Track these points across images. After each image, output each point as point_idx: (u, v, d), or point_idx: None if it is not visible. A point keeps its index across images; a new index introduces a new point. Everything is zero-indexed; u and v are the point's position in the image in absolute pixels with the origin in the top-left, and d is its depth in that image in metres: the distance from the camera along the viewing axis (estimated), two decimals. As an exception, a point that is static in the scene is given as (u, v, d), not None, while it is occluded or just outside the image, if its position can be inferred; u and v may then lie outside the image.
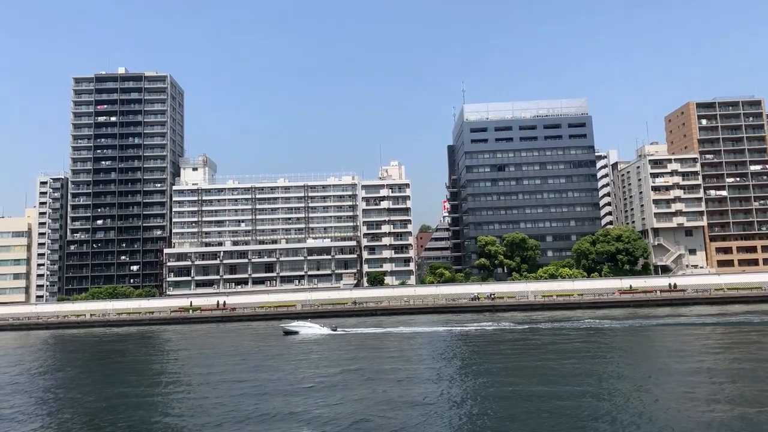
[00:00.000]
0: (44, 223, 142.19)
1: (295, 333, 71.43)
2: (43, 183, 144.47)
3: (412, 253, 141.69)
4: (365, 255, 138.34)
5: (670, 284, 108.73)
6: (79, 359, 57.79)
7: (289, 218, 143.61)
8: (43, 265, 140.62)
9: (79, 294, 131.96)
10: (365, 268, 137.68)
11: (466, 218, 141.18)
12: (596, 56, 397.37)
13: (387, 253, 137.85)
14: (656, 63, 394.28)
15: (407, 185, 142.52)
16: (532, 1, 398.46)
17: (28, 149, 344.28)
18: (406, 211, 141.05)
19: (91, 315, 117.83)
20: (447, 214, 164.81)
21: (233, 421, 26.58)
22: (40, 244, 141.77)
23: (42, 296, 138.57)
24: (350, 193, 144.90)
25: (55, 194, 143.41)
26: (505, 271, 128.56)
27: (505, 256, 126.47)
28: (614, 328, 63.88)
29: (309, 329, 71.61)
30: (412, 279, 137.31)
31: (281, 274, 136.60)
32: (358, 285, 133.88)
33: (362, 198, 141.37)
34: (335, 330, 71.33)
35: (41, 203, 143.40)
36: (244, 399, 31.23)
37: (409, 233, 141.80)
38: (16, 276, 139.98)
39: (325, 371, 39.93)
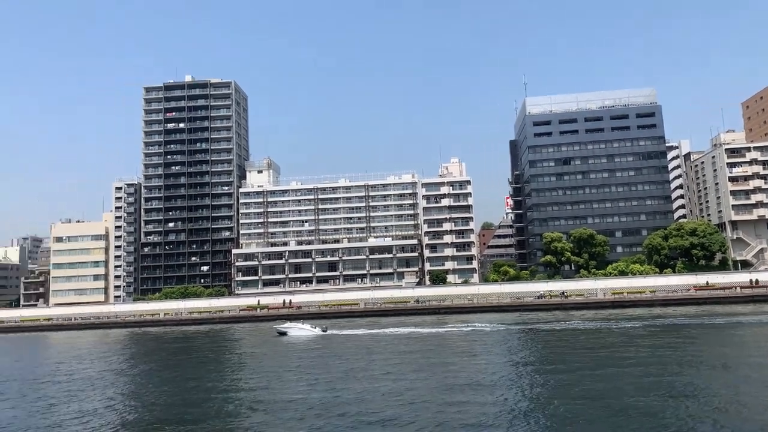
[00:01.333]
0: (120, 227, 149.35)
1: (285, 333, 72.57)
2: (119, 189, 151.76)
3: (474, 251, 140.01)
4: (427, 253, 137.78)
5: (751, 280, 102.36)
6: (157, 356, 60.17)
7: (351, 218, 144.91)
8: (120, 266, 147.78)
9: (153, 294, 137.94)
10: (427, 266, 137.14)
11: (530, 214, 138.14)
12: (663, 43, 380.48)
13: (449, 252, 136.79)
14: (729, 45, 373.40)
15: (468, 182, 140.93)
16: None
17: (105, 157, 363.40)
18: (468, 208, 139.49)
19: (164, 314, 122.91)
20: (510, 211, 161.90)
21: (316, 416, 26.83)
22: (116, 246, 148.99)
23: (119, 296, 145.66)
24: (410, 191, 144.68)
25: (130, 199, 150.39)
26: (573, 268, 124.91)
27: (572, 252, 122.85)
28: (693, 325, 60.70)
29: (299, 330, 72.55)
30: (475, 277, 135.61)
31: (344, 272, 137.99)
32: (420, 283, 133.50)
33: (423, 196, 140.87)
34: (325, 331, 72.19)
35: (117, 208, 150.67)
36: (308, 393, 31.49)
37: (471, 231, 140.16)
38: (96, 277, 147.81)
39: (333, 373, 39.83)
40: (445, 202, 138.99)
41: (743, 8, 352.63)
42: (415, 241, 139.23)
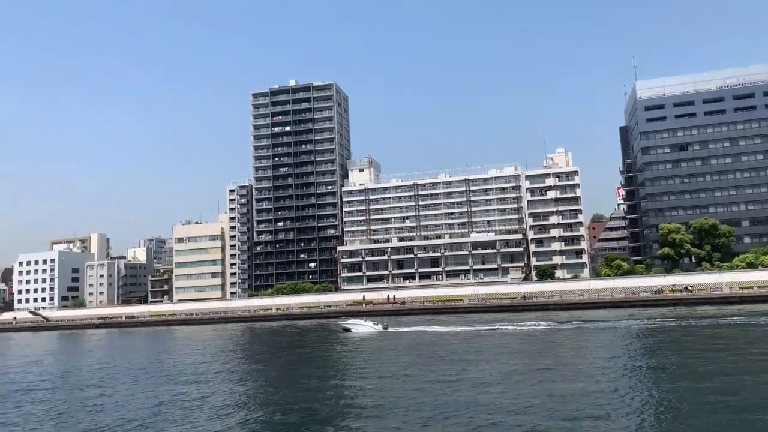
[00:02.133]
0: (234, 227, 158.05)
1: (349, 330, 73.94)
2: (232, 191, 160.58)
3: (584, 245, 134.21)
4: (532, 248, 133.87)
5: None
6: (274, 349, 62.90)
7: (452, 213, 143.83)
8: (235, 264, 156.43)
9: (266, 290, 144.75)
10: (533, 261, 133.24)
11: (644, 205, 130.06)
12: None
13: (556, 246, 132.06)
14: None
15: (575, 173, 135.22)
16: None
17: (220, 160, 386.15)
18: (576, 200, 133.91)
19: (276, 309, 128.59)
20: (622, 202, 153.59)
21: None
22: (231, 245, 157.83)
23: (235, 293, 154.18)
24: (513, 184, 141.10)
25: (242, 200, 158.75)
26: (693, 261, 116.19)
27: (693, 244, 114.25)
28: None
29: (361, 327, 73.73)
30: (586, 272, 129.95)
31: (446, 268, 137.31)
32: (526, 279, 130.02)
33: (527, 189, 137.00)
34: (386, 328, 72.54)
35: (231, 209, 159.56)
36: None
37: (580, 224, 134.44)
38: (214, 275, 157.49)
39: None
40: (551, 194, 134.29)
41: None
42: (519, 236, 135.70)
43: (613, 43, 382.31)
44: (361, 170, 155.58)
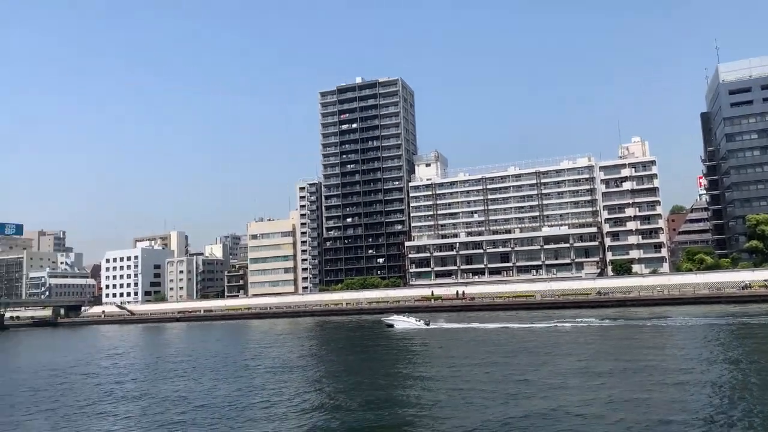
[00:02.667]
0: (305, 224, 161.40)
1: (391, 326, 75.00)
2: (302, 188, 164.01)
3: (662, 238, 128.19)
4: (608, 242, 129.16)
5: None
6: (348, 343, 63.84)
7: (522, 207, 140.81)
8: (306, 259, 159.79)
9: (336, 285, 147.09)
10: (609, 255, 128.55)
11: (729, 195, 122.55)
12: None
13: (633, 239, 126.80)
14: None
15: (653, 162, 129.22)
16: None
17: (292, 158, 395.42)
18: (653, 191, 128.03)
19: (346, 303, 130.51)
20: (704, 192, 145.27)
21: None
22: (302, 241, 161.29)
23: (306, 287, 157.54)
24: (587, 176, 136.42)
25: (312, 197, 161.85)
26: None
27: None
28: None
29: (404, 323, 74.82)
30: (665, 266, 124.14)
31: (517, 264, 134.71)
32: (601, 274, 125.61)
33: (601, 180, 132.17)
34: (428, 324, 72.93)
35: (301, 206, 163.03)
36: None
37: (659, 216, 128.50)
38: (286, 270, 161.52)
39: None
40: (627, 185, 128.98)
41: None
42: (594, 229, 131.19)
43: (692, 25, 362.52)
44: (428, 165, 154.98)
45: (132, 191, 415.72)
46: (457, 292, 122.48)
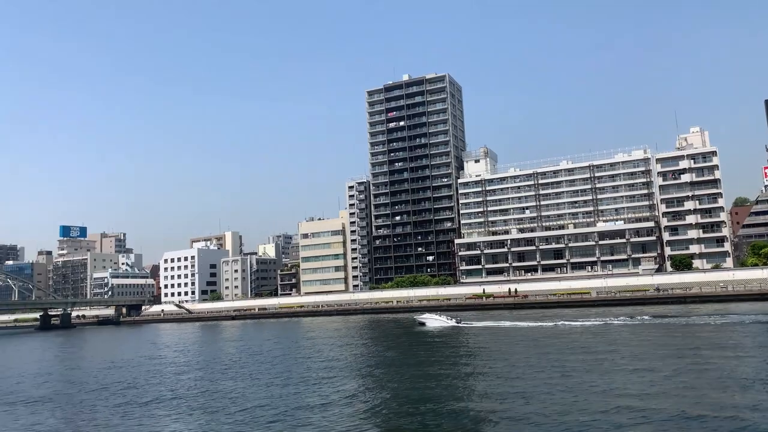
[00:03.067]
0: (354, 222, 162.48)
1: (423, 324, 76.64)
2: (350, 187, 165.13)
3: (725, 232, 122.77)
4: (666, 236, 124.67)
5: None
6: (400, 340, 63.93)
7: (575, 201, 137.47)
8: (356, 258, 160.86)
9: (386, 283, 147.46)
10: (667, 251, 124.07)
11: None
12: None
13: (693, 233, 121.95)
14: None
15: (713, 153, 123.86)
16: None
17: (340, 158, 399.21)
18: (715, 183, 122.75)
19: (397, 302, 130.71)
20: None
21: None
22: (352, 240, 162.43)
23: (357, 285, 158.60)
24: (643, 168, 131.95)
25: (360, 196, 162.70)
26: None
27: None
28: None
29: (435, 321, 76.23)
30: (728, 261, 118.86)
31: (571, 260, 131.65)
32: (660, 270, 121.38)
33: (658, 173, 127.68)
34: (459, 322, 73.50)
35: (350, 205, 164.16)
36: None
37: (720, 209, 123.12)
38: (337, 269, 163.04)
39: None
40: (685, 177, 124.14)
41: None
42: (651, 224, 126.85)
43: (749, 9, 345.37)
44: (477, 161, 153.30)
45: (188, 193, 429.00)
46: (510, 289, 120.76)
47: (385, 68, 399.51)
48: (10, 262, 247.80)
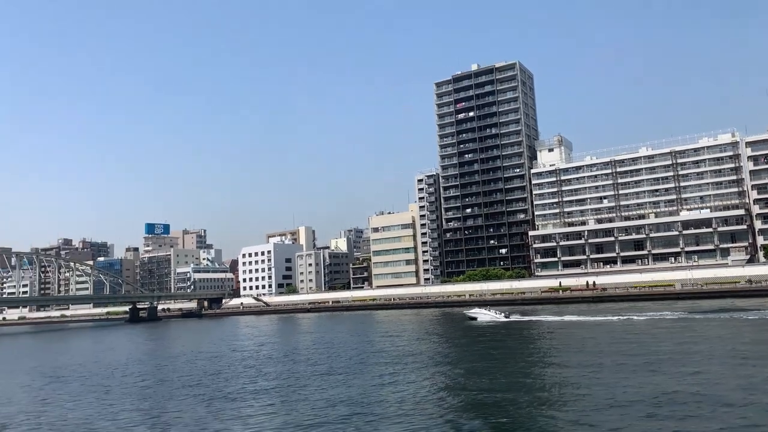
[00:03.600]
0: (424, 215, 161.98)
1: (474, 318, 78.04)
2: (420, 180, 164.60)
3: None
4: (758, 225, 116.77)
5: None
6: (475, 336, 63.33)
7: (656, 190, 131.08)
8: (426, 251, 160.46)
9: (457, 276, 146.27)
10: (759, 240, 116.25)
11: None
12: None
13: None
14: None
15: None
16: None
17: (409, 151, 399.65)
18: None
19: (469, 295, 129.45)
20: None
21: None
22: (422, 233, 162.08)
23: (428, 279, 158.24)
24: (731, 153, 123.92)
25: (430, 189, 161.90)
26: None
27: None
28: None
29: (485, 315, 77.46)
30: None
31: (653, 251, 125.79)
32: (751, 261, 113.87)
33: (748, 157, 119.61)
34: (508, 317, 74.67)
35: (420, 198, 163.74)
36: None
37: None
38: (407, 262, 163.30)
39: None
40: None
41: None
42: (741, 212, 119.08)
43: None
44: (551, 150, 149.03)
45: (263, 191, 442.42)
46: (587, 282, 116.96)
47: (453, 59, 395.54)
48: (102, 259, 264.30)
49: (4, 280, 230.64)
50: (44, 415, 30.12)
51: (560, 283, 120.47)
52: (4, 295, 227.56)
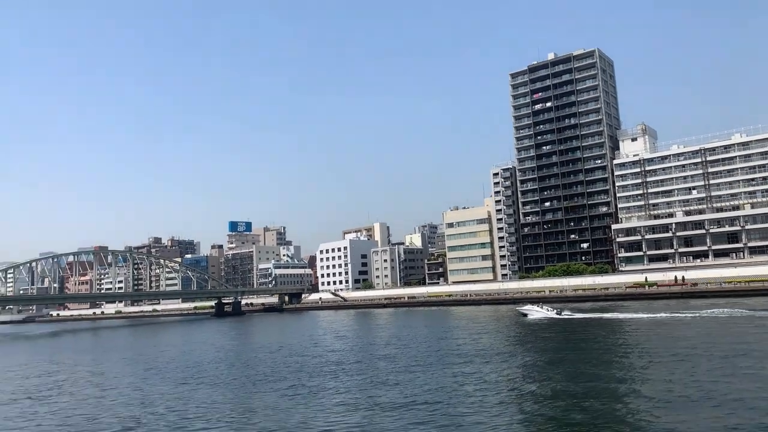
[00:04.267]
0: (500, 210, 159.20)
1: (525, 315, 79.37)
2: (495, 174, 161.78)
3: None
4: None
5: None
6: (552, 335, 61.72)
7: (752, 179, 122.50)
8: (503, 246, 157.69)
9: (536, 272, 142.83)
10: None
11: None
12: None
13: None
14: None
15: None
16: None
17: (483, 145, 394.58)
18: None
19: (549, 291, 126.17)
20: None
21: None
22: (498, 228, 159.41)
23: (505, 275, 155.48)
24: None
25: (506, 183, 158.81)
26: None
27: None
28: None
29: (537, 312, 78.72)
30: None
31: (749, 244, 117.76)
32: None
33: None
34: (559, 314, 75.44)
35: (495, 192, 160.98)
36: None
37: None
38: (484, 257, 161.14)
39: None
40: None
41: None
42: None
43: None
44: (634, 139, 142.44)
45: (339, 188, 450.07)
46: (676, 277, 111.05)
47: (527, 49, 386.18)
48: (189, 256, 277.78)
49: (102, 276, 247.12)
50: (142, 401, 31.94)
51: (646, 278, 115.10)
52: (102, 291, 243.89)
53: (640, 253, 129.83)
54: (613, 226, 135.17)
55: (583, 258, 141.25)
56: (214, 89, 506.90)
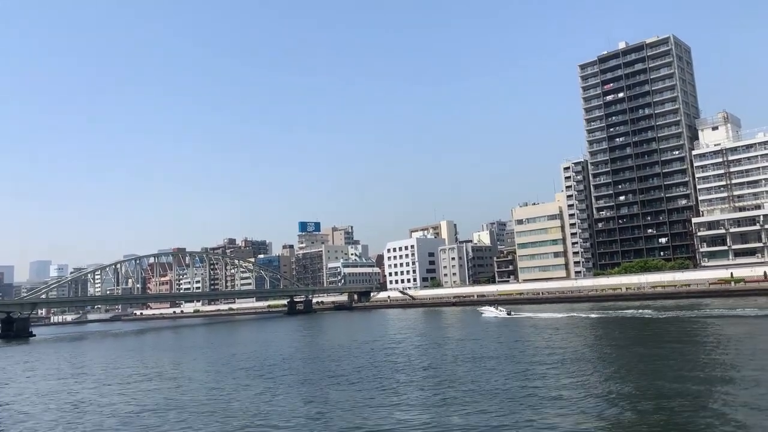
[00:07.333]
0: (572, 205, 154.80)
1: (482, 314, 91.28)
2: (566, 168, 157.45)
3: None
4: None
5: None
6: (642, 334, 59.59)
7: None
8: (576, 243, 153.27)
9: (612, 268, 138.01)
10: None
11: None
12: None
13: None
14: None
15: None
16: None
17: (553, 140, 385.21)
18: None
19: (626, 288, 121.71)
20: None
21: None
22: (571, 224, 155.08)
23: (579, 272, 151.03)
24: None
25: (578, 177, 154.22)
26: None
27: None
28: None
29: (489, 312, 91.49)
30: None
31: None
32: None
33: None
34: (510, 314, 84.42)
35: (567, 187, 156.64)
36: None
37: None
38: (556, 254, 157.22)
39: None
40: None
41: None
42: None
43: None
44: (715, 128, 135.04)
45: (404, 187, 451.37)
46: (765, 272, 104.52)
47: (595, 40, 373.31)
48: (261, 256, 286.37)
49: (180, 277, 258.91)
50: (227, 397, 33.30)
51: (732, 273, 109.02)
52: (181, 290, 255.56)
53: (725, 248, 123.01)
54: (694, 220, 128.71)
55: (662, 253, 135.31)
56: (280, 99, 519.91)
